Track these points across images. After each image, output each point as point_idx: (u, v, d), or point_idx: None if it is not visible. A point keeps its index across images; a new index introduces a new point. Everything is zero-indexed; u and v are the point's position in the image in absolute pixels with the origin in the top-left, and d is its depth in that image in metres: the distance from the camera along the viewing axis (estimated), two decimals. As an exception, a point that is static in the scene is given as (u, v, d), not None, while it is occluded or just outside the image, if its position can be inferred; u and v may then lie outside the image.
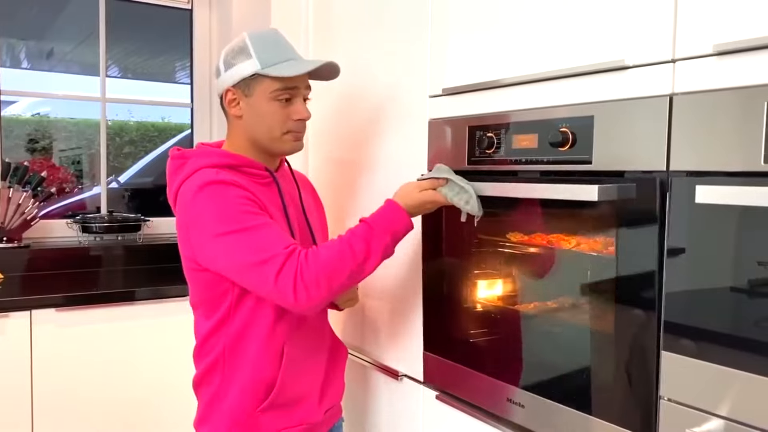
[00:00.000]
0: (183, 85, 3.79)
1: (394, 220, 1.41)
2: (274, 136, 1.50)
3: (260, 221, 1.36)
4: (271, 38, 1.52)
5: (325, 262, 1.32)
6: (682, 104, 1.06)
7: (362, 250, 1.35)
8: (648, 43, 1.11)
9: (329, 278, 1.31)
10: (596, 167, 1.21)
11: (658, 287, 1.10)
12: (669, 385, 1.09)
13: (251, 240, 1.33)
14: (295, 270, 1.30)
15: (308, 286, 1.30)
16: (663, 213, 1.09)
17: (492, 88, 1.42)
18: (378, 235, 1.38)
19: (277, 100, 1.48)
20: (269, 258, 1.31)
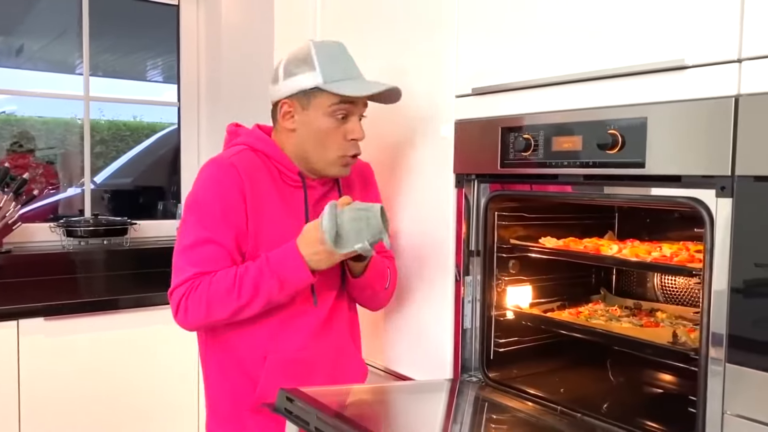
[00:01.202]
0: (155, 83, 3.69)
1: (287, 266, 1.35)
2: (329, 159, 1.46)
3: (209, 235, 1.38)
4: (337, 52, 1.47)
5: (212, 294, 1.35)
6: (750, 106, 1.02)
7: (249, 290, 1.35)
8: (711, 42, 1.07)
9: (210, 306, 1.36)
10: (650, 171, 1.16)
11: (728, 297, 1.05)
12: (734, 400, 1.05)
13: (188, 245, 1.39)
14: (184, 292, 1.37)
15: (188, 311, 1.37)
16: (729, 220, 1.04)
17: (528, 88, 1.37)
18: (268, 280, 1.35)
19: (333, 116, 1.43)
20: (182, 270, 1.39)
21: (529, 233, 1.62)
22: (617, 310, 1.62)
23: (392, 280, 1.57)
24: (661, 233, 1.69)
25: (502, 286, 1.58)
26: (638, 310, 1.65)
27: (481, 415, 1.45)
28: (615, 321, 1.50)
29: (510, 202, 1.55)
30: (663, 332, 1.38)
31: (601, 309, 1.63)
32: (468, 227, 1.54)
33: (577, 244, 1.55)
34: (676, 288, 1.68)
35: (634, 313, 1.61)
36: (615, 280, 1.82)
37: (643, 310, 1.63)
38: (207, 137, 3.36)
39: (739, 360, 1.04)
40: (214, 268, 1.38)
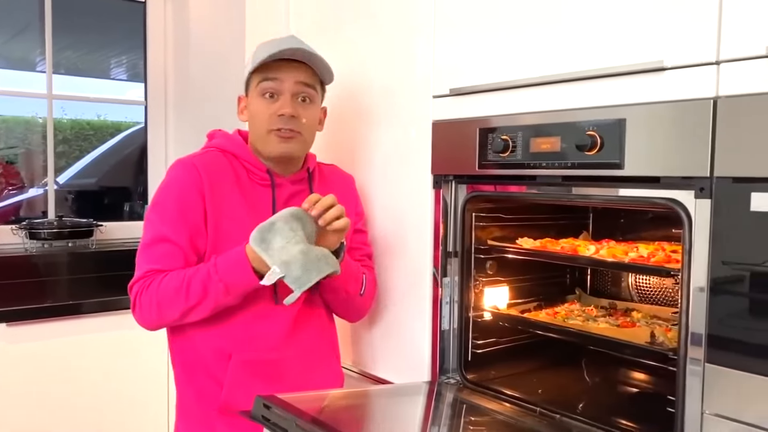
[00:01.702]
0: (119, 81, 3.61)
1: (234, 271, 1.34)
2: (260, 135, 1.47)
3: (165, 234, 1.39)
4: (275, 41, 1.47)
5: (161, 294, 1.37)
6: (728, 107, 1.02)
7: (197, 292, 1.35)
8: (689, 44, 1.07)
9: (161, 306, 1.38)
10: (628, 172, 1.16)
11: (707, 297, 1.06)
12: (714, 400, 1.06)
13: (146, 243, 1.41)
14: (138, 290, 1.40)
15: (142, 307, 1.40)
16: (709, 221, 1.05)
17: (507, 89, 1.36)
18: (215, 283, 1.35)
19: (262, 96, 1.46)
20: (139, 267, 1.42)
21: (505, 234, 1.62)
22: (593, 310, 1.63)
23: (369, 288, 1.55)
24: (634, 233, 1.70)
25: (479, 287, 1.58)
26: (614, 309, 1.66)
27: (460, 417, 1.44)
28: (592, 321, 1.51)
29: (487, 203, 1.55)
30: (641, 332, 1.39)
31: (578, 309, 1.64)
32: (445, 228, 1.53)
33: (554, 244, 1.56)
34: (650, 287, 1.69)
35: (610, 312, 1.62)
36: (590, 280, 1.83)
37: (618, 310, 1.65)
38: (175, 137, 3.30)
39: (719, 359, 1.05)
40: (168, 267, 1.39)
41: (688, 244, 1.10)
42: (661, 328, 1.40)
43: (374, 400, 1.47)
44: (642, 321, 1.51)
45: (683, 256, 1.11)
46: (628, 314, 1.60)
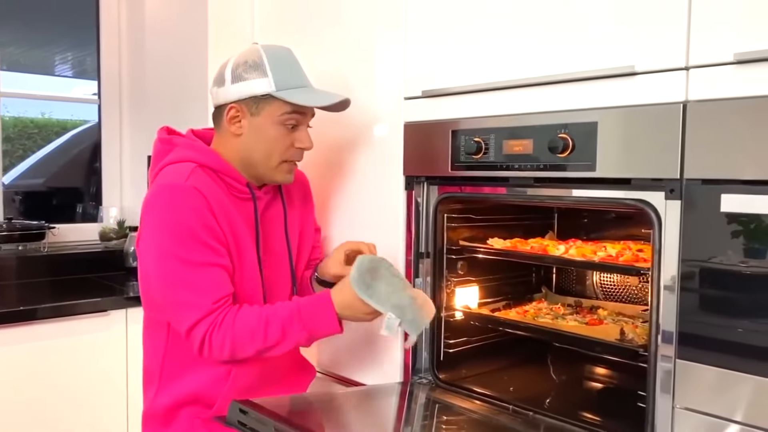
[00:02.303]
0: (65, 78, 3.49)
1: (319, 319, 1.32)
2: (271, 165, 1.43)
3: (208, 260, 1.31)
4: (288, 59, 1.44)
5: (236, 333, 1.30)
6: (698, 112, 1.06)
7: (275, 336, 1.30)
8: (659, 49, 1.11)
9: (234, 346, 1.30)
10: (600, 174, 1.19)
11: (678, 295, 1.09)
12: (684, 394, 1.09)
13: (189, 276, 1.30)
14: (207, 328, 1.30)
15: (213, 346, 1.30)
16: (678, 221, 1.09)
17: (480, 91, 1.38)
18: (297, 327, 1.31)
19: (283, 124, 1.40)
20: (195, 304, 1.30)
21: (474, 234, 1.64)
22: (561, 308, 1.66)
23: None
24: (597, 232, 1.75)
25: (451, 287, 1.59)
26: (580, 307, 1.70)
27: (434, 416, 1.45)
28: (561, 319, 1.54)
29: (458, 204, 1.57)
30: (610, 329, 1.42)
31: (546, 307, 1.67)
32: (417, 229, 1.54)
33: (523, 244, 1.58)
34: (613, 285, 1.74)
35: (576, 310, 1.66)
36: (555, 278, 1.87)
37: (584, 308, 1.69)
38: (130, 137, 3.22)
39: (689, 355, 1.08)
40: (225, 293, 1.32)
41: (658, 243, 1.13)
42: (629, 325, 1.44)
43: (349, 401, 1.46)
44: (608, 318, 1.55)
45: (653, 256, 1.15)
46: (594, 312, 1.64)
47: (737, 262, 1.02)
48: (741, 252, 1.01)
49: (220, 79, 1.43)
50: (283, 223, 1.52)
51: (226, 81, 1.41)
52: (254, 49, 1.42)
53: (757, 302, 1.01)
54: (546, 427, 1.30)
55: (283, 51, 1.45)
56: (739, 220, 1.01)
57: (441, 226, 1.54)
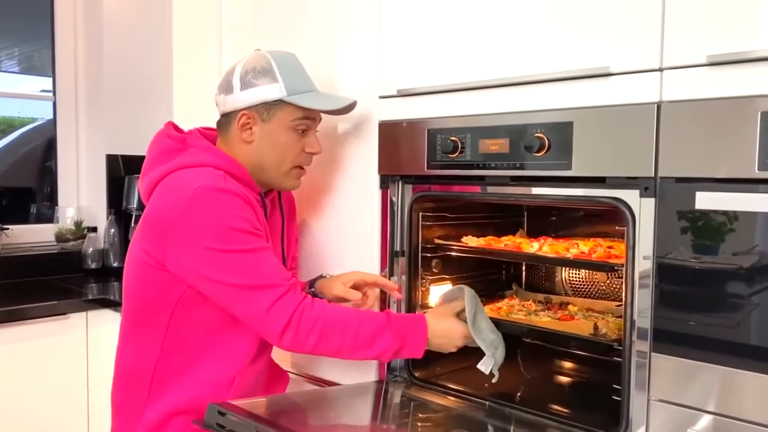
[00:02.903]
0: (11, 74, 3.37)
1: (411, 336, 1.32)
2: (283, 170, 1.43)
3: (263, 245, 1.30)
4: (295, 64, 1.45)
5: (330, 318, 1.27)
6: (671, 112, 1.09)
7: (366, 337, 1.29)
8: (634, 51, 1.14)
9: (323, 334, 1.26)
10: (576, 173, 1.22)
11: (652, 291, 1.12)
12: (659, 387, 1.12)
13: (252, 262, 1.27)
14: (296, 306, 1.26)
15: (300, 329, 1.25)
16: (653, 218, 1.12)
17: (456, 91, 1.39)
18: (387, 338, 1.30)
19: (294, 129, 1.41)
20: (270, 285, 1.26)
21: (448, 232, 1.65)
22: (532, 305, 1.69)
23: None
24: (566, 230, 1.78)
25: (426, 286, 1.60)
26: (550, 303, 1.73)
27: (409, 413, 1.45)
28: (534, 315, 1.57)
29: (433, 203, 1.57)
30: (583, 325, 1.46)
31: (518, 304, 1.70)
32: (392, 228, 1.54)
33: (497, 242, 1.60)
34: (582, 282, 1.78)
35: (547, 307, 1.69)
36: (525, 276, 1.89)
37: (554, 304, 1.72)
38: (87, 134, 3.13)
39: (664, 349, 1.11)
40: (291, 276, 1.31)
41: (632, 240, 1.16)
42: (602, 321, 1.47)
43: (327, 400, 1.46)
44: (579, 314, 1.59)
45: (627, 252, 1.18)
46: (564, 308, 1.67)
47: (710, 258, 1.05)
48: (714, 248, 1.05)
49: (228, 86, 1.42)
50: (281, 233, 1.52)
51: (235, 88, 1.40)
52: (261, 55, 1.42)
53: (727, 297, 1.04)
54: (522, 421, 1.32)
55: (290, 56, 1.46)
56: (712, 217, 1.04)
57: (416, 224, 1.55)
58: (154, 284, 1.32)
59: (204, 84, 1.82)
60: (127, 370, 1.41)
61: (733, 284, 1.04)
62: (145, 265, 1.32)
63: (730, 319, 1.04)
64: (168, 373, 1.35)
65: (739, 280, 1.03)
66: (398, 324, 1.32)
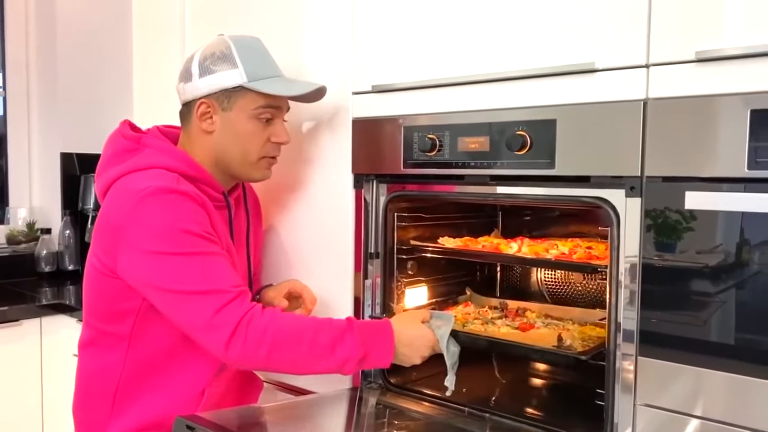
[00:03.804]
0: None
1: (376, 341, 1.21)
2: (249, 161, 1.35)
3: (214, 250, 1.21)
4: (258, 48, 1.37)
5: (283, 326, 1.17)
6: (658, 109, 1.06)
7: (325, 345, 1.17)
8: (620, 47, 1.10)
9: (275, 344, 1.15)
10: (559, 172, 1.18)
11: (639, 293, 1.09)
12: (646, 391, 1.10)
13: (199, 266, 1.17)
14: (243, 314, 1.15)
15: (249, 339, 1.14)
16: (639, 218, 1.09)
17: (434, 87, 1.34)
18: (349, 345, 1.19)
19: (258, 118, 1.33)
20: (214, 291, 1.15)
21: (422, 233, 1.61)
22: (488, 312, 1.58)
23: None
24: (540, 229, 1.75)
25: (401, 288, 1.55)
26: (506, 309, 1.62)
27: (385, 421, 1.40)
28: (491, 325, 1.46)
29: (409, 203, 1.53)
30: (547, 335, 1.37)
31: (474, 311, 1.59)
32: (367, 229, 1.49)
33: (474, 243, 1.56)
34: (556, 283, 1.75)
35: (504, 314, 1.58)
36: (500, 277, 1.86)
37: (510, 310, 1.62)
38: (40, 132, 3.00)
39: (650, 353, 1.08)
40: (242, 283, 1.21)
41: (616, 241, 1.13)
42: (567, 331, 1.38)
43: (299, 410, 1.39)
44: (539, 321, 1.49)
45: (611, 253, 1.15)
46: (522, 314, 1.58)
47: (698, 259, 1.03)
48: (702, 250, 1.02)
49: (187, 74, 1.35)
50: (246, 234, 1.45)
51: (194, 75, 1.33)
52: (221, 40, 1.35)
53: (716, 300, 1.02)
54: (502, 428, 1.28)
55: (252, 40, 1.38)
56: (702, 217, 1.02)
57: (391, 225, 1.50)
58: (110, 294, 1.25)
59: (166, 78, 1.73)
60: (88, 383, 1.33)
61: (722, 286, 1.01)
62: (99, 274, 1.25)
63: (719, 322, 1.02)
64: (132, 386, 1.28)
65: (729, 282, 1.00)
66: (361, 330, 1.21)
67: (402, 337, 1.23)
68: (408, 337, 1.24)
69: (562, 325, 1.46)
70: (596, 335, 1.33)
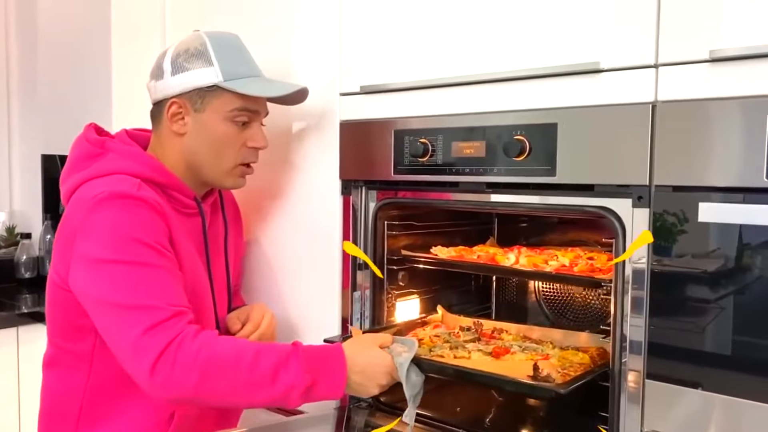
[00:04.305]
0: None
1: (326, 368, 1.07)
2: (223, 167, 1.26)
3: (162, 263, 1.09)
4: (235, 46, 1.29)
5: (218, 350, 1.03)
6: (668, 113, 0.99)
7: (266, 372, 1.03)
8: (627, 45, 1.02)
9: (208, 371, 1.01)
10: (560, 180, 1.10)
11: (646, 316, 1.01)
12: (653, 416, 1.02)
13: (138, 278, 1.05)
14: (174, 336, 1.02)
15: (177, 364, 1.01)
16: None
17: (426, 88, 1.26)
18: (294, 371, 1.04)
19: (233, 121, 1.24)
20: (147, 307, 1.03)
21: (414, 242, 1.53)
22: (460, 334, 1.40)
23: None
24: (538, 236, 1.68)
25: (392, 301, 1.47)
26: (481, 330, 1.43)
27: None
28: (461, 350, 1.28)
29: (400, 210, 1.45)
30: (521, 364, 1.19)
31: (444, 333, 1.41)
32: (355, 237, 1.41)
33: (469, 253, 1.48)
34: (554, 294, 1.67)
35: (479, 335, 1.40)
36: (495, 288, 1.78)
37: (486, 331, 1.43)
38: (21, 133, 2.91)
39: (660, 375, 1.01)
40: (184, 302, 1.09)
41: (622, 254, 1.05)
42: (545, 361, 1.19)
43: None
44: (515, 345, 1.33)
45: (615, 267, 1.07)
46: (497, 336, 1.41)
47: (713, 275, 0.95)
48: (716, 266, 0.94)
49: (159, 71, 1.27)
50: (224, 241, 1.37)
51: (165, 73, 1.25)
52: (196, 36, 1.27)
53: (733, 320, 0.94)
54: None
55: (231, 37, 1.30)
56: (716, 231, 0.94)
57: (381, 234, 1.41)
58: (67, 308, 1.16)
59: (146, 78, 1.64)
60: (51, 405, 1.24)
61: (739, 307, 0.93)
62: (56, 287, 1.17)
63: (734, 344, 0.94)
64: (96, 409, 1.19)
65: (746, 303, 0.92)
66: (308, 355, 1.07)
67: (355, 364, 1.09)
68: (362, 364, 1.10)
69: (541, 350, 1.30)
70: (578, 361, 1.20)
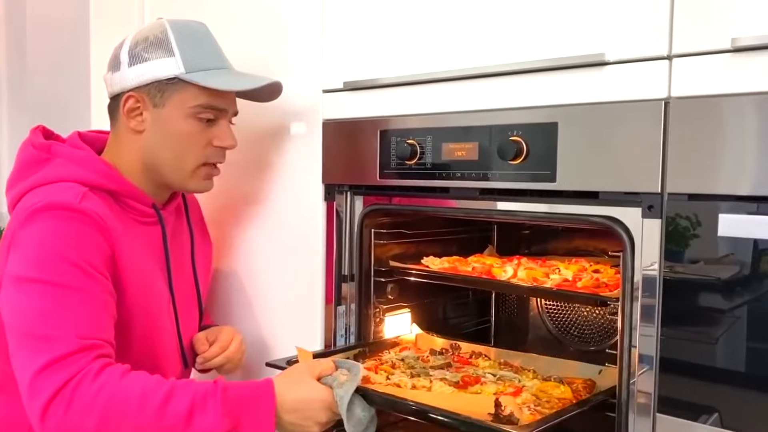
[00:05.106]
0: None
1: (250, 412, 0.95)
2: (184, 168, 1.16)
3: (87, 286, 0.98)
4: (200, 34, 1.18)
5: (123, 390, 0.92)
6: (683, 111, 0.87)
7: (177, 415, 0.92)
8: (636, 34, 0.91)
9: (108, 414, 0.91)
10: (561, 186, 0.99)
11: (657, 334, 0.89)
12: (666, 454, 0.90)
13: (51, 302, 0.95)
14: (71, 376, 0.92)
15: (72, 407, 0.90)
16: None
17: (414, 84, 1.15)
18: (212, 414, 0.93)
19: (197, 118, 1.14)
20: (51, 337, 0.93)
21: (405, 251, 1.42)
22: (428, 359, 1.27)
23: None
24: (540, 244, 1.56)
25: (380, 316, 1.36)
26: (457, 354, 1.31)
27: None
28: (423, 378, 1.14)
29: (388, 217, 1.34)
30: (482, 400, 1.04)
31: (411, 357, 1.27)
32: (339, 247, 1.30)
33: (464, 264, 1.36)
34: (558, 309, 1.55)
35: (449, 362, 1.26)
36: (494, 299, 1.66)
37: (461, 355, 1.31)
38: (10, 138, 2.87)
39: (672, 409, 0.89)
40: (102, 335, 0.98)
41: (630, 270, 0.94)
42: (510, 398, 1.02)
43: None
44: (489, 373, 1.19)
45: (623, 284, 0.96)
46: (473, 361, 1.27)
47: (734, 296, 0.83)
48: (742, 287, 0.83)
49: (115, 61, 1.16)
50: (190, 250, 1.27)
51: (122, 63, 1.14)
52: (158, 24, 1.16)
53: (759, 347, 0.82)
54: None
55: (195, 25, 1.20)
56: (739, 246, 0.82)
57: (368, 243, 1.31)
58: None
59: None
60: None
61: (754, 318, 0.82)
62: None
63: (759, 374, 0.82)
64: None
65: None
66: (230, 394, 0.96)
67: (286, 402, 0.98)
68: (294, 401, 0.98)
69: (518, 380, 1.16)
70: (557, 395, 1.07)
